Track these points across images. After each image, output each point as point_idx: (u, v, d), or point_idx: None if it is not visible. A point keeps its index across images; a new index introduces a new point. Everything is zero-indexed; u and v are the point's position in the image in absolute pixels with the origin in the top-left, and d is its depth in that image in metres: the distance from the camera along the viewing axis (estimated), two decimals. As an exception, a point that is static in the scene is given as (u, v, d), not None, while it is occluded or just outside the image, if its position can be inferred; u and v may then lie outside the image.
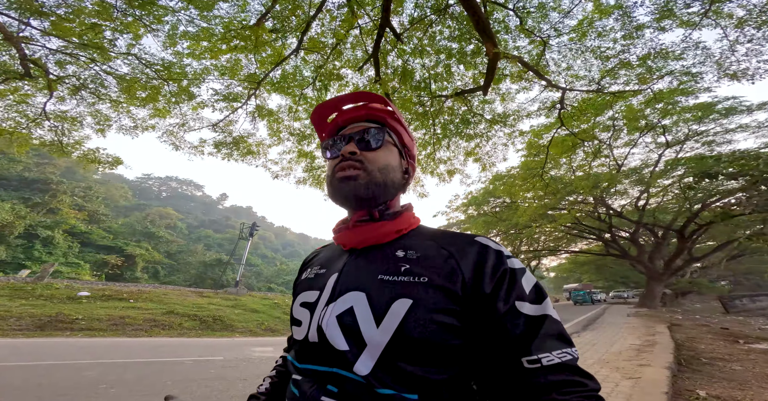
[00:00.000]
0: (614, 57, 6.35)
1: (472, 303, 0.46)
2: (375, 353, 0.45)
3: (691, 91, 8.52)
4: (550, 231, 18.35)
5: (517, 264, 0.50)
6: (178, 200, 78.81)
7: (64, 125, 7.06)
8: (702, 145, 13.08)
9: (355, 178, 0.57)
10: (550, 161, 10.46)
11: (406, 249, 0.55)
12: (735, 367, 3.88)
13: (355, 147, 0.59)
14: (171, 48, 5.52)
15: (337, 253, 0.63)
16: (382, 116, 0.64)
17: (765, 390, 3.01)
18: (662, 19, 5.54)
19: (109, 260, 30.36)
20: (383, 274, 0.51)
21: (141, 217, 42.90)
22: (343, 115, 0.66)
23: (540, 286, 0.49)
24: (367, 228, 0.58)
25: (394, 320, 0.45)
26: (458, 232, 0.58)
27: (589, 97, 7.25)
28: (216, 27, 4.96)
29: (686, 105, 10.77)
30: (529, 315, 0.45)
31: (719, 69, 6.49)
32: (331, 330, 0.48)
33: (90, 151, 7.48)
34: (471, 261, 0.49)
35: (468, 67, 6.23)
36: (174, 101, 6.45)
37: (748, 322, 10.35)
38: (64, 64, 5.92)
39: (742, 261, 22.10)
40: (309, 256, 0.74)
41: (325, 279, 0.58)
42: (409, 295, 0.47)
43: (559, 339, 0.44)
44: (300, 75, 6.22)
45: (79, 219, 32.10)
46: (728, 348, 5.04)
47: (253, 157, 8.22)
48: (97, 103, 6.70)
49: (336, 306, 0.50)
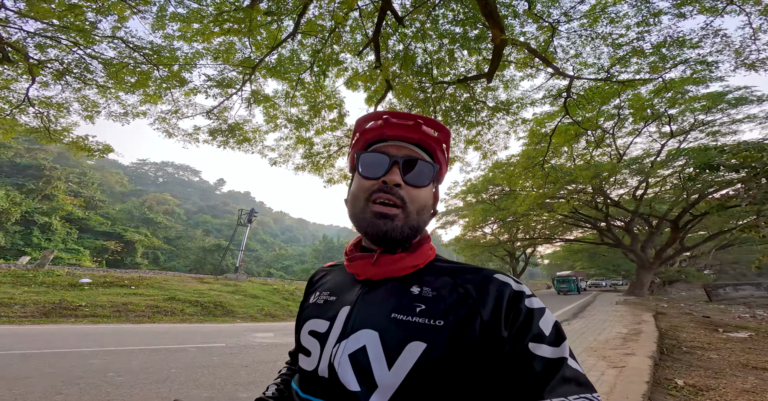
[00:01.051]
0: (626, 44, 6.11)
1: (489, 346, 0.45)
2: (386, 395, 0.43)
3: (704, 80, 8.29)
4: (546, 219, 18.49)
5: (536, 304, 0.48)
6: (175, 186, 78.29)
7: (49, 111, 6.80)
8: (707, 135, 12.93)
9: (392, 219, 0.53)
10: (551, 150, 10.35)
11: (422, 286, 0.53)
12: (712, 356, 4.04)
13: (401, 178, 0.54)
14: (160, 31, 5.23)
15: (349, 281, 0.60)
16: (433, 146, 0.60)
17: (737, 378, 3.13)
18: (683, 4, 5.27)
19: (108, 246, 30.49)
20: (397, 313, 0.49)
21: (138, 203, 42.71)
22: (392, 127, 0.59)
23: (560, 328, 0.47)
24: (384, 260, 0.55)
25: (406, 363, 0.44)
26: (475, 267, 0.55)
27: (596, 85, 7.05)
28: (208, 7, 4.67)
29: (695, 94, 10.53)
30: (545, 357, 0.43)
31: (737, 58, 6.23)
32: (344, 370, 0.47)
33: (79, 138, 7.27)
34: (490, 302, 0.47)
35: (472, 52, 6.00)
36: (165, 87, 6.20)
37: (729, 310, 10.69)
38: (44, 48, 5.62)
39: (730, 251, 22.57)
40: (316, 275, 0.71)
41: (336, 309, 0.55)
42: (424, 339, 0.45)
43: (577, 384, 0.41)
44: (297, 59, 5.98)
45: (75, 205, 31.91)
46: (708, 337, 5.22)
47: (249, 144, 8.06)
48: (83, 89, 6.43)
49: (348, 343, 0.49)
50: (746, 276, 27.28)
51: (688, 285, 24.22)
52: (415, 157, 0.57)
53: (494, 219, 16.92)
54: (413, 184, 0.56)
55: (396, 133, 0.59)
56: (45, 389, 3.00)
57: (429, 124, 0.61)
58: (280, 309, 12.22)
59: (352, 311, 0.53)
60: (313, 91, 6.46)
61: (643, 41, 6.05)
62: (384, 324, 0.49)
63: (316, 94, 6.53)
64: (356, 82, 5.86)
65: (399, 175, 0.54)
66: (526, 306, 0.47)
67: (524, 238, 19.75)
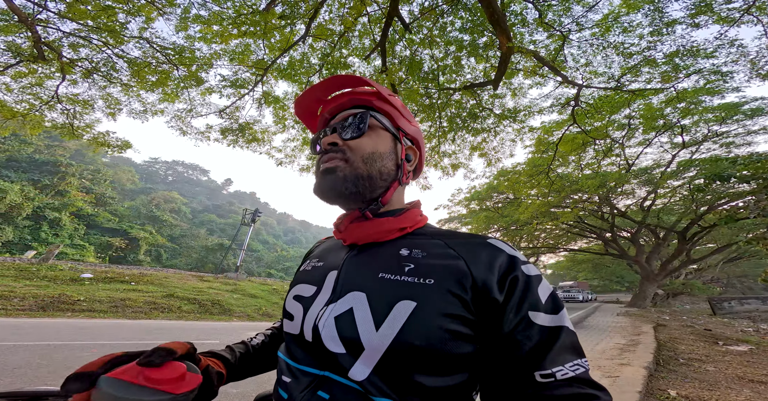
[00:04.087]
0: (638, 53, 6.12)
1: (482, 310, 0.43)
2: (373, 358, 0.41)
3: (718, 90, 8.22)
4: (550, 228, 18.29)
5: (532, 271, 0.46)
6: (183, 184, 79.48)
7: (75, 108, 7.09)
8: (720, 146, 12.76)
9: (333, 171, 0.52)
10: (558, 158, 10.31)
11: (411, 248, 0.51)
12: (709, 368, 3.94)
13: (338, 137, 0.54)
14: (183, 32, 5.47)
15: (337, 247, 0.60)
16: (366, 99, 0.58)
17: (732, 390, 3.07)
18: (698, 14, 5.24)
19: (113, 242, 30.92)
20: (385, 272, 0.48)
21: (146, 201, 43.38)
22: (327, 104, 0.61)
23: (556, 296, 0.45)
24: (367, 224, 0.54)
25: (395, 323, 0.42)
26: (468, 233, 0.53)
27: (606, 94, 7.05)
28: (227, 10, 4.86)
29: (710, 105, 10.42)
30: (543, 326, 0.42)
31: (753, 68, 6.18)
32: (327, 332, 0.45)
33: (100, 134, 7.55)
34: (482, 265, 0.45)
35: (479, 60, 6.07)
36: (183, 86, 6.43)
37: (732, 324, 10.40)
38: (77, 47, 5.91)
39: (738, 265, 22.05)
40: (312, 247, 0.72)
41: (323, 274, 0.55)
42: (413, 297, 0.43)
43: (573, 352, 0.41)
44: (307, 62, 6.12)
45: (86, 201, 32.52)
46: (706, 350, 5.10)
47: (257, 144, 8.20)
48: (108, 87, 6.70)
49: (336, 306, 0.47)
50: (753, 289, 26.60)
51: (693, 298, 23.67)
52: (345, 115, 0.57)
53: (497, 227, 16.80)
54: (349, 136, 0.54)
55: (331, 106, 0.60)
56: (32, 379, 3.03)
57: (359, 83, 0.59)
58: (278, 310, 12.23)
59: (340, 274, 0.52)
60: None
61: (655, 50, 6.06)
62: (371, 285, 0.47)
63: (325, 96, 6.65)
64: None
65: (335, 136, 0.54)
66: (523, 273, 0.45)
67: (527, 247, 19.53)
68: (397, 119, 0.59)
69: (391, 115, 0.58)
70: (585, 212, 15.76)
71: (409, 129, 0.61)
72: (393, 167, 0.56)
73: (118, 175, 48.00)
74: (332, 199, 0.54)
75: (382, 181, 0.54)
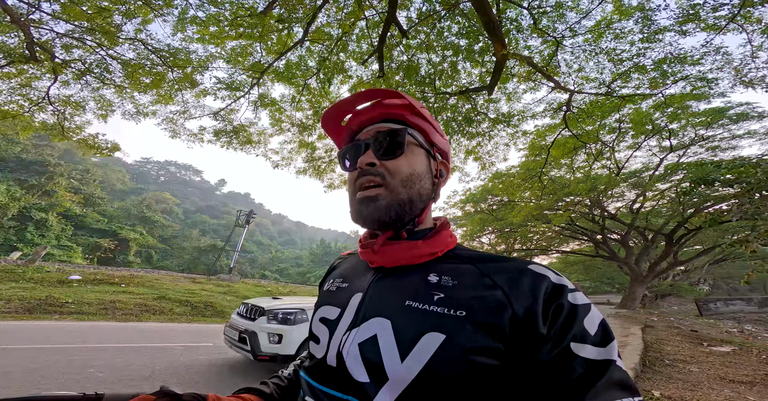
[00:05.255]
0: (629, 60, 6.24)
1: (522, 342, 0.40)
2: (397, 389, 0.40)
3: (705, 96, 8.42)
4: (543, 231, 18.53)
5: (580, 300, 0.42)
6: (176, 185, 78.25)
7: (66, 109, 6.97)
8: (706, 150, 13.07)
9: (375, 200, 0.50)
10: (550, 162, 10.49)
11: (441, 275, 0.48)
12: (693, 369, 4.04)
13: (373, 156, 0.52)
14: (180, 33, 5.42)
15: (363, 268, 0.57)
16: (399, 113, 0.55)
17: (713, 390, 3.16)
18: (686, 22, 5.35)
19: (102, 243, 30.30)
20: (412, 300, 0.46)
21: (137, 201, 42.61)
22: (355, 117, 0.58)
23: (607, 326, 0.41)
24: (397, 247, 0.51)
25: (422, 356, 0.40)
26: (505, 257, 0.50)
27: (597, 99, 7.22)
28: (225, 11, 4.85)
29: (696, 110, 10.68)
30: (589, 359, 0.38)
31: (736, 75, 6.34)
32: (352, 360, 0.44)
33: (90, 137, 7.43)
34: (525, 296, 0.42)
35: (475, 64, 6.16)
36: (177, 88, 6.37)
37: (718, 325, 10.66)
38: (70, 48, 5.81)
39: (723, 266, 22.62)
40: (334, 263, 0.70)
41: (348, 296, 0.53)
42: (442, 329, 0.41)
43: (623, 389, 0.37)
44: (304, 65, 6.14)
45: (74, 202, 31.82)
46: (691, 351, 5.21)
47: (252, 146, 8.18)
48: (101, 88, 6.61)
49: (359, 332, 0.46)
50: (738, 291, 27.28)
51: (680, 300, 24.17)
52: (381, 131, 0.54)
53: (492, 230, 16.96)
54: (387, 155, 0.52)
55: (361, 120, 0.57)
56: (23, 383, 2.97)
57: (389, 96, 0.56)
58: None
59: (364, 298, 0.50)
60: (318, 96, 6.62)
61: (644, 57, 6.20)
62: (397, 313, 0.45)
63: (321, 99, 6.69)
64: (360, 89, 6.02)
65: (371, 155, 0.52)
66: (569, 302, 0.42)
67: (521, 249, 19.76)
68: (431, 134, 0.56)
69: (425, 130, 0.56)
70: (576, 215, 16.00)
71: (441, 143, 0.58)
72: (430, 186, 0.54)
73: (108, 175, 47.09)
74: (374, 228, 0.52)
75: (421, 202, 0.52)
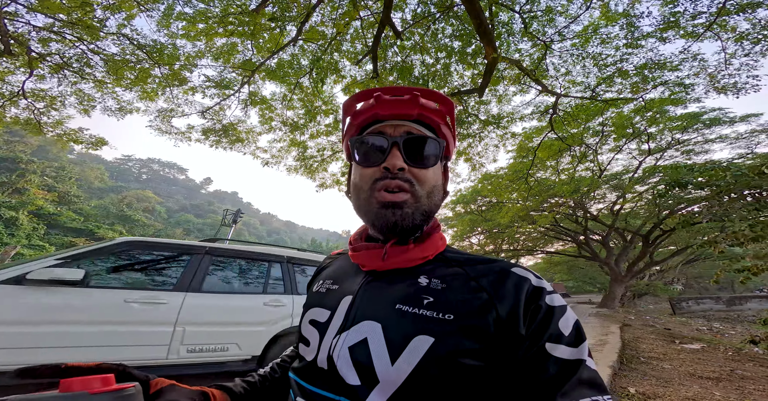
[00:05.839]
0: (613, 64, 6.45)
1: (503, 343, 0.42)
2: (387, 391, 0.41)
3: (682, 101, 8.77)
4: (529, 232, 18.98)
5: (557, 302, 0.44)
6: (159, 183, 75.80)
7: (42, 104, 6.65)
8: (681, 153, 13.65)
9: (402, 206, 0.48)
10: (536, 164, 10.77)
11: (430, 278, 0.49)
12: (665, 366, 4.24)
13: (403, 160, 0.49)
14: (165, 29, 5.23)
15: (353, 271, 0.57)
16: (435, 120, 0.53)
17: (683, 386, 3.35)
18: (666, 29, 5.58)
19: (77, 243, 29.01)
20: (402, 304, 0.46)
21: (117, 200, 41.02)
22: (385, 106, 0.52)
23: (580, 327, 0.43)
24: (391, 251, 0.51)
25: (411, 358, 0.41)
26: (490, 258, 0.51)
27: (582, 103, 7.45)
28: (214, 8, 4.73)
29: (673, 114, 11.10)
30: (561, 358, 0.40)
31: (711, 81, 6.61)
32: (343, 363, 0.44)
33: (72, 131, 7.11)
34: (508, 298, 0.44)
35: (467, 67, 6.26)
36: (164, 85, 6.17)
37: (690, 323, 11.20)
38: (47, 42, 5.52)
39: (695, 266, 23.78)
40: (323, 263, 0.69)
41: (338, 298, 0.53)
42: (431, 333, 0.42)
43: (591, 387, 0.38)
44: (297, 64, 6.07)
45: (47, 200, 30.34)
46: (664, 348, 5.47)
47: (242, 145, 8.03)
48: (80, 83, 6.31)
49: (349, 335, 0.46)
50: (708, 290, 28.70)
51: (656, 299, 25.21)
52: (416, 134, 0.51)
53: (481, 230, 17.24)
54: (419, 165, 0.50)
55: (391, 112, 0.52)
56: None
57: (428, 96, 0.53)
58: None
59: (354, 301, 0.50)
60: (311, 95, 6.56)
61: (627, 62, 6.43)
62: (388, 316, 0.46)
63: (314, 98, 6.63)
64: (353, 89, 6.01)
65: (401, 158, 0.49)
66: (547, 304, 0.43)
67: (508, 249, 20.18)
68: (450, 148, 0.56)
69: (448, 142, 0.55)
70: (561, 216, 16.46)
71: (452, 154, 0.58)
72: (442, 198, 0.55)
73: (86, 173, 45.12)
74: (392, 234, 0.50)
75: (434, 214, 0.53)
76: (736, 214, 6.51)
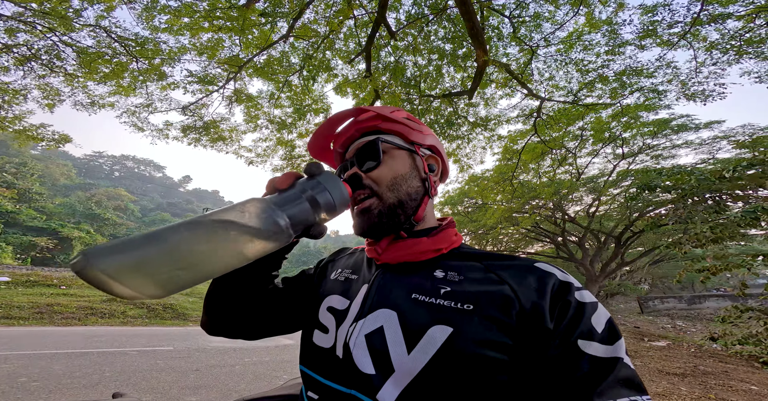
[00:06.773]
0: (594, 71, 6.71)
1: (529, 338, 0.40)
2: (403, 381, 0.40)
3: (655, 107, 9.24)
4: (512, 233, 19.49)
5: (587, 298, 0.43)
6: (133, 181, 71.94)
7: (3, 98, 6.08)
8: (651, 158, 14.45)
9: (368, 210, 0.52)
10: (520, 166, 11.07)
11: (447, 270, 0.49)
12: (636, 363, 4.50)
13: (358, 171, 0.54)
14: (147, 22, 4.90)
15: (369, 263, 0.59)
16: (372, 124, 0.57)
17: (653, 383, 3.55)
18: (645, 37, 5.82)
19: (38, 242, 27.04)
20: (418, 293, 0.46)
21: (84, 198, 38.53)
22: (337, 140, 0.61)
23: (614, 324, 0.42)
24: (401, 244, 0.52)
25: (428, 348, 0.40)
26: (511, 255, 0.50)
27: (564, 107, 7.71)
28: (201, 2, 4.48)
29: (646, 120, 11.68)
30: (596, 356, 0.38)
31: (682, 88, 6.94)
32: (359, 351, 0.44)
33: (32, 127, 6.53)
34: (531, 292, 0.42)
35: (458, 69, 6.33)
36: (142, 80, 5.78)
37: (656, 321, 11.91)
38: (14, 33, 5.05)
39: (660, 266, 25.31)
40: (341, 252, 0.70)
41: (356, 288, 0.54)
42: (450, 323, 0.41)
43: (629, 386, 0.37)
44: (287, 61, 5.91)
45: (6, 197, 28.07)
46: (635, 346, 5.79)
47: (224, 143, 7.74)
48: (48, 76, 5.83)
49: (365, 323, 0.46)
50: (672, 289, 30.52)
51: (626, 298, 26.53)
52: (359, 146, 0.57)
53: (467, 231, 17.53)
54: (368, 166, 0.54)
55: (341, 141, 0.60)
56: None
57: (361, 112, 0.58)
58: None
59: (370, 290, 0.51)
60: (300, 94, 6.40)
61: (607, 69, 6.71)
62: (404, 305, 0.46)
63: (303, 97, 6.48)
64: (345, 88, 5.92)
65: (356, 171, 0.54)
66: (576, 300, 0.42)
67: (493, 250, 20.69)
68: (408, 134, 0.57)
69: (400, 132, 0.57)
70: (541, 217, 17.01)
71: (424, 139, 0.59)
72: (419, 184, 0.56)
73: (50, 170, 42.12)
74: (373, 236, 0.54)
75: (412, 201, 0.54)
76: (698, 217, 6.91)
